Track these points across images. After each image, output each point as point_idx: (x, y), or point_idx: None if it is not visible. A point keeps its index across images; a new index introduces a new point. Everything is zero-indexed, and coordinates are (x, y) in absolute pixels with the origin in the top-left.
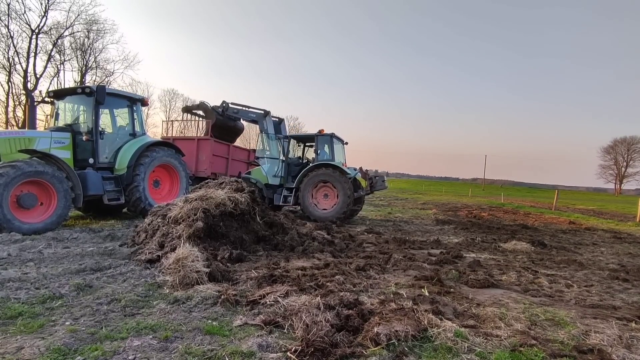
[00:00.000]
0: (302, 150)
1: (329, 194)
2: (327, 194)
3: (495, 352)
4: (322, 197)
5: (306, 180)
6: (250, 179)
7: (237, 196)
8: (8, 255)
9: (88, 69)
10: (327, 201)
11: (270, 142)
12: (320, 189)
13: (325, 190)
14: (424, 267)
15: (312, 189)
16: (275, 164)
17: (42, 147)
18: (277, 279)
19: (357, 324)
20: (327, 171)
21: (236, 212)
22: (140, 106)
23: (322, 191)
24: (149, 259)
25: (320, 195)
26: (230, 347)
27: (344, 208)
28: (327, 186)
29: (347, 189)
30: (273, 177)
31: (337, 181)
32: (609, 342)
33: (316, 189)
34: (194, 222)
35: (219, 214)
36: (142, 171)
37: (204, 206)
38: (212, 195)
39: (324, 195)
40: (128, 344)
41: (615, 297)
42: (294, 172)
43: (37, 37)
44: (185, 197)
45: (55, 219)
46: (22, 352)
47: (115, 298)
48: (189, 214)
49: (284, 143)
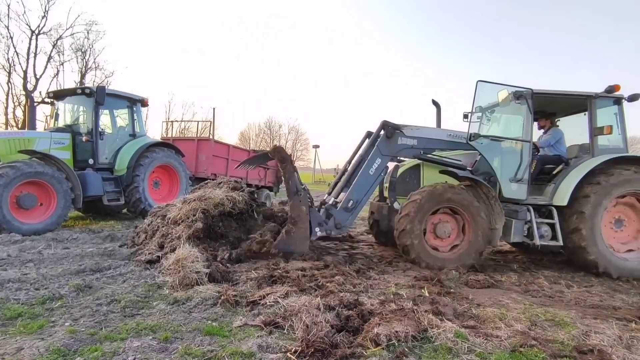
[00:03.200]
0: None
1: (625, 216)
2: (619, 218)
3: (495, 352)
4: (613, 224)
5: (599, 189)
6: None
7: (235, 195)
8: (8, 256)
9: (88, 70)
10: (626, 234)
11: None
12: (613, 208)
13: (619, 211)
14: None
15: (604, 210)
16: (512, 154)
17: (41, 147)
18: (277, 279)
19: (357, 325)
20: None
21: (235, 212)
22: (140, 107)
23: (614, 212)
24: (149, 259)
25: (610, 219)
26: (230, 347)
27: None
28: (625, 203)
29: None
30: (512, 182)
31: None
32: (609, 342)
33: (607, 210)
34: (193, 222)
35: (218, 214)
36: (142, 172)
37: (203, 207)
38: (210, 196)
39: (615, 222)
40: (128, 345)
41: (616, 297)
42: (543, 170)
43: (37, 37)
44: (183, 198)
45: (55, 220)
46: (22, 352)
47: (115, 299)
48: (188, 215)
49: (527, 113)
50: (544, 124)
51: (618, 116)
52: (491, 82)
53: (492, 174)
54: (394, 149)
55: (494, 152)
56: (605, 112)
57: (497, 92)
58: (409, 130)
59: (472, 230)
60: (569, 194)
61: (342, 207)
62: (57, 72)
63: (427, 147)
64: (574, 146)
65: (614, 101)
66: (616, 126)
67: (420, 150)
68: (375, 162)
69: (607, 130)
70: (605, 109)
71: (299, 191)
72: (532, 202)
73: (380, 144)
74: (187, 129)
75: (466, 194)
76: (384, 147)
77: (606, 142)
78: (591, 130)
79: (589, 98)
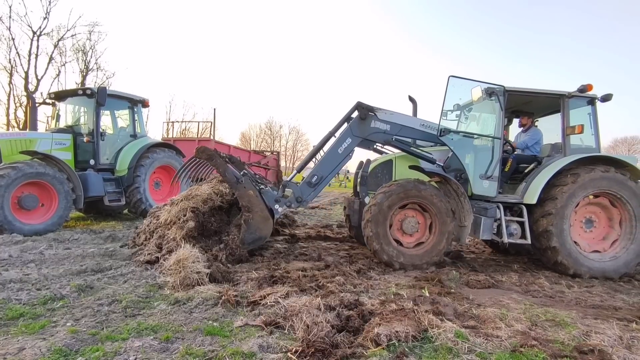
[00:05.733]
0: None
1: (596, 217)
2: (590, 219)
3: (495, 352)
4: (583, 224)
5: (567, 189)
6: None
7: (222, 188)
8: (9, 257)
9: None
10: (595, 234)
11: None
12: (584, 208)
13: (590, 212)
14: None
15: (573, 209)
16: (483, 151)
17: (43, 148)
18: (278, 279)
19: (358, 325)
20: (608, 173)
21: (225, 205)
22: (141, 107)
23: (585, 212)
24: (147, 260)
25: (581, 218)
26: (231, 347)
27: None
28: (597, 203)
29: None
30: (483, 179)
31: (627, 194)
32: (610, 342)
33: (578, 208)
34: (184, 223)
35: (208, 209)
36: (143, 172)
37: (192, 205)
38: (197, 193)
39: (585, 222)
40: (129, 345)
41: (616, 297)
42: (517, 169)
43: (39, 38)
44: (171, 200)
45: (56, 220)
46: (24, 353)
47: (116, 299)
48: (179, 216)
49: (500, 111)
50: (526, 122)
51: (591, 116)
52: (463, 77)
53: (463, 170)
54: (366, 131)
55: (464, 148)
56: (579, 112)
57: (470, 89)
58: (382, 114)
59: (438, 227)
60: (538, 193)
61: (306, 181)
62: (59, 73)
63: (400, 134)
64: (547, 145)
65: (587, 101)
66: (589, 126)
67: (392, 137)
68: (346, 142)
69: (578, 130)
70: (579, 109)
71: (239, 179)
72: (502, 200)
73: (353, 124)
74: (187, 130)
75: (433, 190)
76: (356, 127)
77: (579, 142)
78: (564, 129)
79: (562, 97)
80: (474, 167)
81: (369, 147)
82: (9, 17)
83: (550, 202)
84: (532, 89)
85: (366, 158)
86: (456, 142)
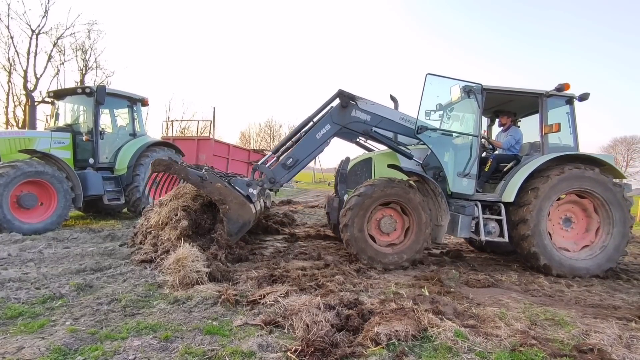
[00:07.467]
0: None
1: (575, 217)
2: (569, 218)
3: (495, 351)
4: (562, 223)
5: (543, 188)
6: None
7: None
8: (8, 255)
9: (88, 69)
10: (575, 233)
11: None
12: (561, 207)
13: (567, 210)
14: (424, 267)
15: (550, 207)
16: (461, 149)
17: (42, 147)
18: (277, 278)
19: (357, 324)
20: (585, 172)
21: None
22: (141, 106)
23: (562, 211)
24: (143, 259)
25: (558, 219)
26: (230, 347)
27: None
28: (576, 202)
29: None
30: (461, 177)
31: (604, 193)
32: (609, 341)
33: (555, 207)
34: (177, 222)
35: (200, 206)
36: (143, 171)
37: (182, 204)
38: (184, 191)
39: (564, 221)
40: (128, 344)
41: (616, 296)
42: (497, 168)
43: (37, 37)
44: (159, 201)
45: (56, 219)
46: (23, 352)
47: (115, 298)
48: (170, 216)
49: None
50: (505, 122)
51: (570, 115)
52: (441, 75)
53: (441, 168)
54: (346, 119)
55: (443, 146)
56: (557, 111)
57: (449, 87)
58: (363, 104)
59: (414, 226)
60: (515, 191)
61: (281, 163)
62: (58, 72)
63: (380, 126)
64: (526, 144)
65: (566, 101)
66: (568, 125)
67: (371, 127)
68: (324, 128)
69: (555, 128)
70: (558, 109)
71: (202, 177)
72: (480, 198)
73: (333, 111)
74: (187, 129)
75: (409, 189)
76: (337, 115)
77: (557, 141)
78: (542, 128)
79: (540, 96)
80: (453, 165)
81: (352, 140)
82: (8, 15)
83: (527, 199)
84: (510, 88)
85: (345, 156)
86: (434, 140)
